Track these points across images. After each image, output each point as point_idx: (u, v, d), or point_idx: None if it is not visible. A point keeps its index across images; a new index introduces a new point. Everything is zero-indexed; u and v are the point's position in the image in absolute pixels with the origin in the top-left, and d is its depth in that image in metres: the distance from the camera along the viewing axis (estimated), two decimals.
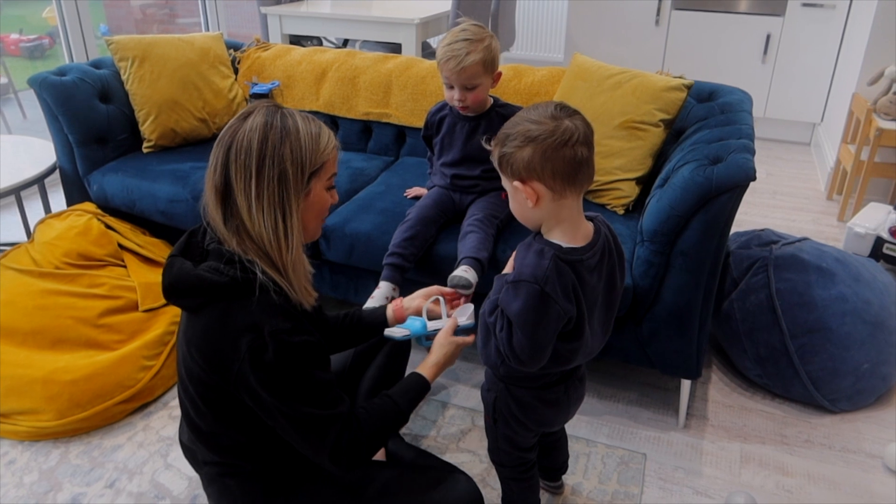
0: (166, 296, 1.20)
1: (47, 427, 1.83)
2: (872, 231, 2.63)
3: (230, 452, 1.27)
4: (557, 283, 1.15)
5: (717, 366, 2.21)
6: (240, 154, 1.15)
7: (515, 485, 1.51)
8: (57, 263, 2.10)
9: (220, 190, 1.17)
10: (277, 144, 1.15)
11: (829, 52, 4.00)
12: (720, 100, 2.11)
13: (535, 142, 1.12)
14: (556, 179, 1.13)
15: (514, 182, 1.17)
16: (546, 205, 1.16)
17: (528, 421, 1.38)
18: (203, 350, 1.16)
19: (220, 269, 1.15)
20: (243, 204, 1.15)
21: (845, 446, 1.88)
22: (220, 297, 1.15)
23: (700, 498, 1.70)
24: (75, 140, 2.42)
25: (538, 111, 1.15)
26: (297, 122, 1.18)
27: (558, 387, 1.35)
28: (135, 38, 2.52)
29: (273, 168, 1.15)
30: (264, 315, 1.14)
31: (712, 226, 1.64)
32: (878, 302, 2.02)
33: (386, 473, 1.38)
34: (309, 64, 2.67)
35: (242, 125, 1.17)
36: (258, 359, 1.11)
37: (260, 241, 1.17)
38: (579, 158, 1.12)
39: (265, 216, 1.15)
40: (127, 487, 1.71)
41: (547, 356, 1.21)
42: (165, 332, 2.06)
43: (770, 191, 3.59)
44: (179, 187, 2.29)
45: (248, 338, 1.12)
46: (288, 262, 1.19)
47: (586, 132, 1.14)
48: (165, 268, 1.20)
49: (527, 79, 2.37)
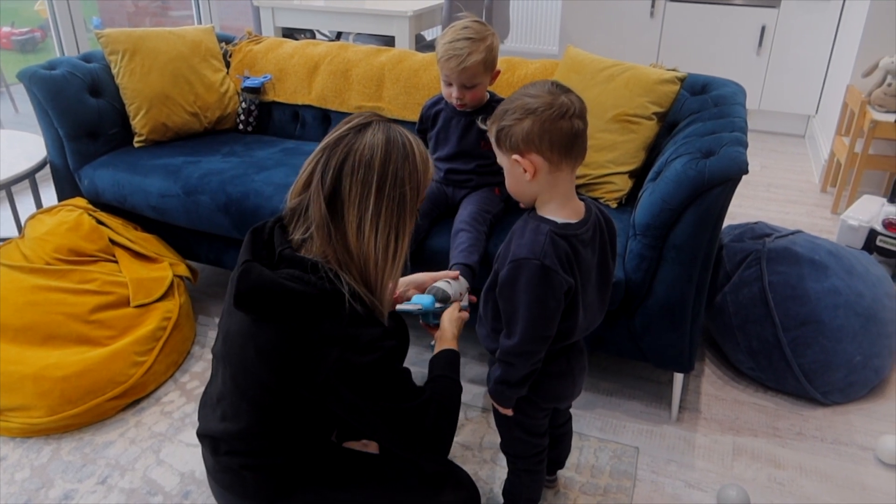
0: (238, 303, 1.13)
1: (39, 423, 1.82)
2: (866, 223, 2.63)
3: (266, 447, 1.27)
4: (555, 255, 1.19)
5: (710, 359, 2.21)
6: (358, 169, 1.13)
7: (527, 476, 1.51)
8: (48, 259, 2.09)
9: (327, 199, 1.14)
10: (400, 165, 1.15)
11: (823, 44, 4.00)
12: (713, 92, 2.11)
13: (534, 114, 1.16)
14: (554, 151, 1.17)
15: (512, 155, 1.20)
16: (542, 177, 1.20)
17: (538, 398, 1.39)
18: (279, 358, 1.14)
19: (305, 280, 1.12)
20: (353, 219, 1.13)
21: (837, 439, 1.88)
22: (304, 309, 1.11)
23: (692, 491, 1.70)
24: (65, 134, 2.40)
25: (535, 87, 1.20)
26: (412, 143, 1.18)
27: (560, 359, 1.37)
28: (125, 31, 2.50)
29: (395, 188, 1.14)
30: (354, 326, 1.13)
31: (705, 219, 1.64)
32: (871, 294, 2.02)
33: (384, 469, 1.39)
34: (301, 57, 2.66)
35: (359, 138, 1.14)
36: (352, 368, 1.12)
37: (363, 259, 1.15)
38: (576, 130, 1.17)
39: (378, 235, 1.15)
40: (119, 484, 1.70)
41: (554, 330, 1.25)
42: (157, 327, 2.05)
43: (764, 183, 3.58)
44: (171, 182, 2.27)
45: (339, 348, 1.11)
46: (388, 281, 1.19)
47: (581, 107, 1.19)
48: (241, 274, 1.13)
49: (520, 71, 2.36)
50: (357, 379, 1.14)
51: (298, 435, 1.27)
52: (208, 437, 1.32)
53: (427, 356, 2.17)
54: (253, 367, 1.18)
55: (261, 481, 1.29)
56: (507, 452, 1.51)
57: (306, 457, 1.31)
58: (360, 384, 1.15)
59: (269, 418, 1.23)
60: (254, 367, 1.18)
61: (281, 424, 1.24)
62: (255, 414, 1.23)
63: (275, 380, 1.17)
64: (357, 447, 1.57)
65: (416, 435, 1.22)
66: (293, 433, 1.26)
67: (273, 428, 1.25)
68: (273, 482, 1.29)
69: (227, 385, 1.25)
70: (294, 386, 1.16)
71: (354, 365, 1.12)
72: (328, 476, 1.33)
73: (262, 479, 1.29)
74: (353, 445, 1.58)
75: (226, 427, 1.27)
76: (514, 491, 1.54)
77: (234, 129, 2.71)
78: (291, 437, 1.27)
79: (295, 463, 1.30)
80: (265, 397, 1.20)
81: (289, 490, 1.30)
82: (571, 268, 1.22)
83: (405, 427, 1.21)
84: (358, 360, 1.12)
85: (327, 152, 1.16)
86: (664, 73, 2.01)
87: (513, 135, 1.18)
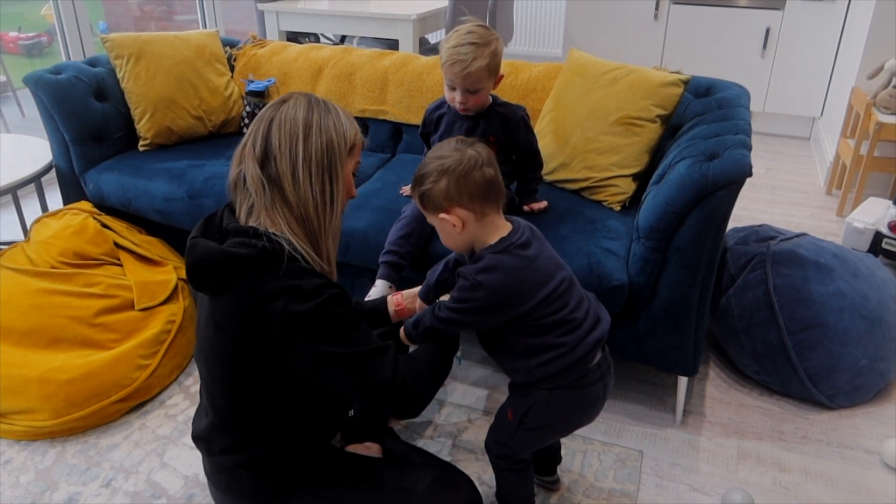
0: (191, 277, 1.20)
1: (43, 426, 1.83)
2: (871, 226, 2.62)
3: (248, 437, 1.28)
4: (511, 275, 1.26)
5: (715, 362, 2.20)
6: (284, 124, 1.21)
7: (512, 475, 1.51)
8: (53, 262, 2.10)
9: (259, 159, 1.22)
10: (323, 116, 1.24)
11: (828, 46, 3.99)
12: (717, 95, 2.10)
13: (447, 173, 1.26)
14: (474, 200, 1.26)
15: (439, 215, 1.28)
16: (471, 226, 1.29)
17: (564, 425, 1.42)
18: (234, 326, 1.18)
19: (247, 243, 1.18)
20: (286, 169, 1.20)
21: (843, 443, 1.87)
22: (249, 271, 1.17)
23: (697, 495, 1.70)
24: (71, 139, 2.41)
25: (443, 148, 1.30)
26: (332, 104, 1.28)
27: (598, 384, 1.38)
28: (130, 35, 2.51)
29: (320, 134, 1.22)
30: (296, 277, 1.17)
31: (708, 222, 1.64)
32: (877, 297, 2.01)
33: (385, 472, 1.39)
34: (305, 61, 2.66)
35: (283, 106, 1.24)
36: (298, 314, 1.14)
37: (302, 208, 1.22)
38: (488, 178, 1.26)
39: (313, 179, 1.22)
40: (123, 487, 1.71)
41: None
42: (161, 330, 2.06)
43: (769, 185, 3.57)
44: (175, 186, 2.28)
45: (284, 299, 1.14)
46: (329, 230, 1.26)
47: (489, 155, 1.29)
48: (189, 249, 1.21)
49: (523, 75, 2.36)
50: (305, 326, 1.16)
51: (277, 420, 1.28)
52: (201, 438, 1.34)
53: None
54: (215, 345, 1.22)
55: (256, 480, 1.29)
56: (491, 451, 1.51)
57: (296, 452, 1.31)
58: (310, 331, 1.16)
59: (241, 399, 1.25)
60: (216, 344, 1.22)
61: (255, 407, 1.26)
62: (228, 398, 1.26)
63: (234, 349, 1.20)
64: (360, 451, 1.57)
65: (377, 379, 1.21)
66: (270, 418, 1.27)
67: (249, 412, 1.26)
68: (269, 481, 1.30)
69: (204, 376, 1.28)
70: (253, 351, 1.18)
71: (300, 312, 1.15)
72: (328, 478, 1.33)
73: (257, 478, 1.29)
74: (355, 449, 1.58)
75: (210, 421, 1.30)
76: (505, 493, 1.54)
77: (238, 132, 2.72)
78: (270, 422, 1.27)
79: (286, 459, 1.30)
80: (232, 374, 1.23)
81: (287, 491, 1.30)
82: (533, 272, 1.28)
83: (365, 371, 1.20)
84: (302, 307, 1.15)
85: (255, 125, 1.25)
86: (668, 76, 2.01)
87: (434, 196, 1.27)
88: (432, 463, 1.59)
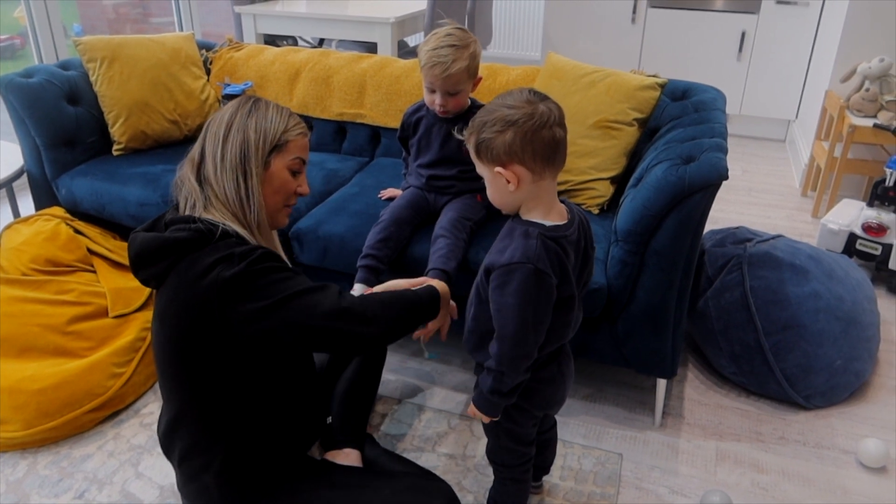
0: (134, 270, 1.26)
1: (14, 438, 1.79)
2: (846, 227, 2.65)
3: (206, 437, 1.27)
4: (547, 259, 1.19)
5: (693, 364, 2.22)
6: (212, 125, 1.32)
7: (514, 485, 1.50)
8: (24, 269, 2.06)
9: (195, 161, 1.32)
10: (245, 117, 1.31)
11: (802, 50, 4.04)
12: (694, 98, 2.12)
13: (515, 125, 1.16)
14: (537, 161, 1.17)
15: (495, 168, 1.20)
16: (526, 187, 1.20)
17: (531, 406, 1.38)
18: (176, 311, 1.20)
19: (183, 227, 1.24)
20: (210, 166, 1.29)
21: (819, 443, 1.89)
22: (186, 252, 1.22)
23: (676, 497, 1.70)
24: (43, 143, 2.37)
25: (513, 97, 1.19)
26: (267, 105, 1.34)
27: (551, 364, 1.37)
28: (103, 38, 2.47)
29: (238, 134, 1.30)
30: (229, 248, 1.21)
31: (685, 225, 1.64)
32: (851, 298, 2.04)
33: (363, 479, 1.37)
34: (282, 64, 2.64)
35: (222, 108, 1.35)
36: (231, 277, 1.17)
37: (231, 204, 1.29)
38: (557, 139, 1.18)
39: (228, 176, 1.29)
40: (97, 498, 1.67)
41: (543, 336, 1.25)
42: (136, 338, 2.03)
43: (745, 188, 3.61)
44: (150, 191, 2.25)
45: (217, 268, 1.18)
46: (262, 223, 1.32)
47: (560, 114, 1.19)
48: (129, 243, 1.27)
49: (501, 78, 2.36)
50: (241, 286, 1.18)
51: (235, 418, 1.27)
52: (164, 445, 1.34)
53: (412, 366, 2.16)
54: (162, 338, 1.25)
55: (225, 488, 1.28)
56: (494, 461, 1.49)
57: (267, 459, 1.30)
58: (247, 290, 1.18)
59: (194, 394, 1.25)
60: (162, 337, 1.24)
61: (209, 402, 1.26)
62: (180, 394, 1.27)
63: (180, 338, 1.21)
64: (339, 458, 1.56)
65: (327, 310, 1.21)
66: (227, 415, 1.27)
67: (203, 408, 1.26)
68: (238, 490, 1.28)
69: (161, 365, 1.29)
70: (200, 337, 1.20)
71: (233, 274, 1.17)
72: (302, 486, 1.32)
73: (225, 486, 1.28)
74: (334, 456, 1.56)
75: (167, 421, 1.31)
76: (500, 499, 1.53)
77: None
78: (227, 420, 1.27)
79: (256, 466, 1.29)
80: (183, 368, 1.24)
81: (257, 495, 1.29)
82: (563, 270, 1.22)
83: (311, 306, 1.21)
84: (235, 269, 1.18)
85: (204, 127, 1.35)
86: (645, 80, 2.02)
87: (494, 147, 1.18)
88: (413, 471, 1.58)
